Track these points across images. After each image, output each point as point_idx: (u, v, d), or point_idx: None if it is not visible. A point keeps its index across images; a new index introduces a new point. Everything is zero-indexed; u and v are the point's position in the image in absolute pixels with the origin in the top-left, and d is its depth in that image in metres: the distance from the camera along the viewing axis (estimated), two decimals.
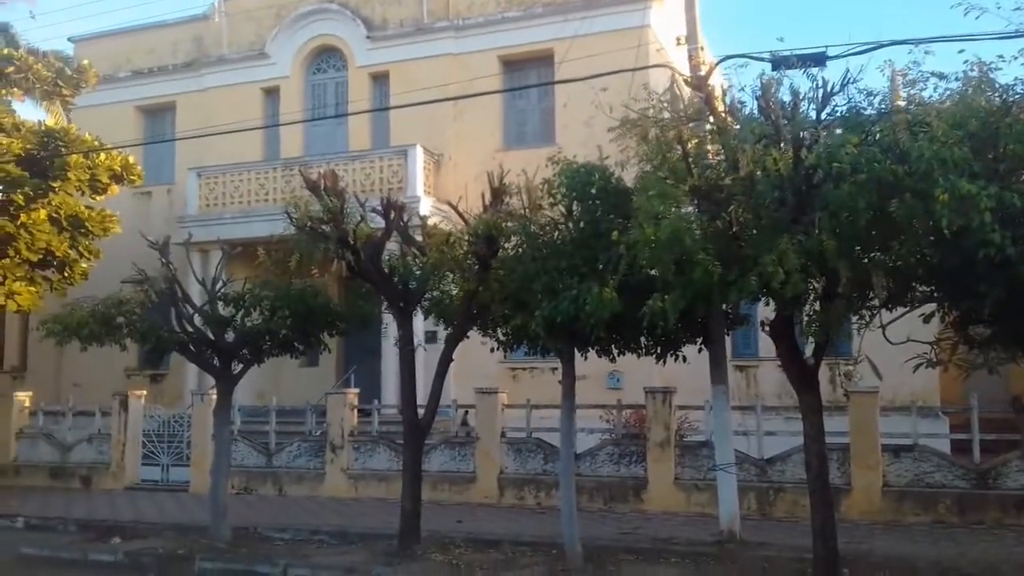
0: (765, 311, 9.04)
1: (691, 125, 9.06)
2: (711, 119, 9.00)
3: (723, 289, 7.28)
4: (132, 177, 17.99)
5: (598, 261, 9.14)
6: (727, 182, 7.29)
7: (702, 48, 11.50)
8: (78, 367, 22.85)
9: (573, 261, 9.03)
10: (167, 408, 18.43)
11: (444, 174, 20.72)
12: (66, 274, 18.06)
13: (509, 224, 9.99)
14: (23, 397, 18.22)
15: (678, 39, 11.55)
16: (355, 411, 16.08)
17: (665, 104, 9.63)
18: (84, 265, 18.25)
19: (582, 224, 9.05)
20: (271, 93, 22.73)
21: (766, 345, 18.62)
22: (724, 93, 8.66)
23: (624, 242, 7.44)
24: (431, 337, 19.53)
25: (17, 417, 17.91)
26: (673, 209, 7.33)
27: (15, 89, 17.03)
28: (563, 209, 9.85)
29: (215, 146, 21.19)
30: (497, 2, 20.92)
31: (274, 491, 15.92)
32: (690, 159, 7.97)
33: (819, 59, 9.83)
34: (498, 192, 10.39)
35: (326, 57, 22.59)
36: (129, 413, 16.83)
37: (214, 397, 16.75)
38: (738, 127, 7.95)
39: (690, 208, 7.80)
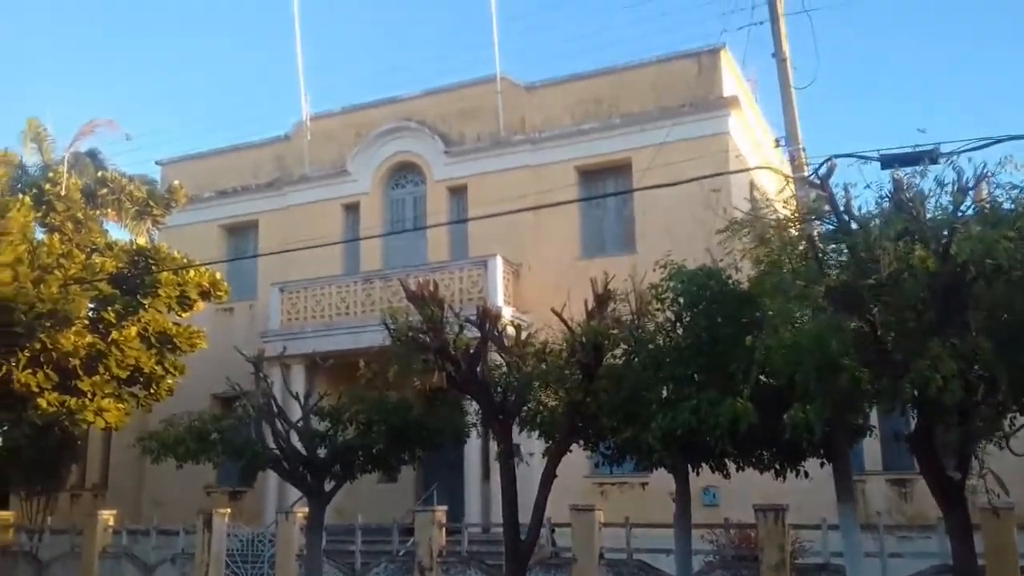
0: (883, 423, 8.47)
1: (813, 225, 8.67)
2: (832, 219, 8.61)
3: (871, 397, 6.74)
4: (219, 293, 18.20)
5: (716, 369, 8.72)
6: (870, 282, 6.86)
7: (803, 148, 11.23)
8: (159, 484, 22.77)
9: (690, 369, 8.58)
10: (246, 526, 18.03)
11: (523, 284, 20.58)
12: (152, 390, 18.12)
13: (616, 331, 9.60)
14: (107, 516, 18.02)
15: (776, 140, 11.33)
16: (443, 530, 15.47)
17: (778, 204, 9.26)
18: (170, 381, 18.33)
19: (698, 330, 8.60)
20: (351, 209, 23.10)
21: (872, 459, 17.80)
22: (845, 193, 8.29)
23: (759, 348, 6.97)
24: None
25: (101, 536, 17.67)
26: (808, 313, 6.87)
27: (109, 210, 17.48)
28: (671, 315, 9.49)
29: (296, 262, 21.48)
30: (573, 115, 21.13)
31: None
32: (821, 259, 7.56)
33: (932, 156, 9.49)
34: (603, 298, 10.05)
35: (404, 172, 22.97)
36: (213, 532, 16.45)
37: (298, 515, 16.47)
38: (872, 225, 7.54)
39: (828, 311, 7.34)
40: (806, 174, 11.14)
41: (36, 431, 15.17)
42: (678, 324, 9.39)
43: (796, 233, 8.56)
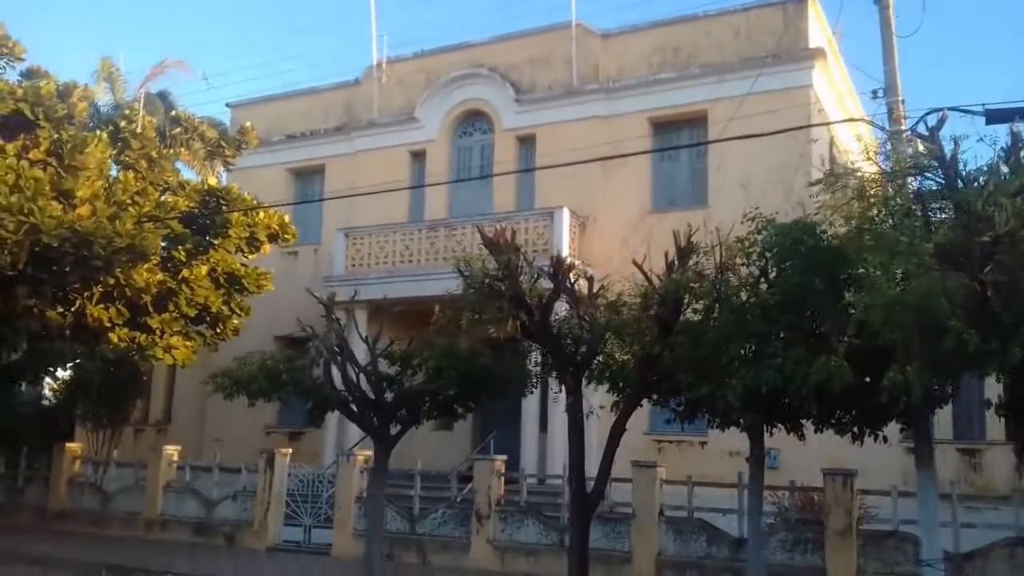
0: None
1: (916, 180, 8.21)
2: (938, 174, 8.13)
3: (978, 360, 6.36)
4: (287, 236, 18.23)
5: (804, 327, 8.37)
6: (984, 239, 6.43)
7: (902, 101, 10.66)
8: (220, 423, 23.17)
9: (777, 327, 8.25)
10: (307, 466, 18.23)
11: (589, 237, 20.26)
12: (218, 330, 18.29)
13: (697, 285, 9.27)
14: (171, 451, 18.35)
15: (874, 92, 10.76)
16: (502, 479, 15.43)
17: (875, 159, 8.78)
18: (236, 321, 18.49)
19: (788, 287, 8.23)
20: (418, 156, 22.92)
21: (942, 427, 17.25)
22: (955, 146, 7.78)
23: (861, 305, 6.61)
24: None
25: (165, 471, 18.02)
26: (913, 270, 6.47)
27: (182, 149, 17.52)
28: (756, 270, 9.13)
29: (362, 208, 21.46)
30: (649, 64, 20.56)
31: (417, 559, 15.33)
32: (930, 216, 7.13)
33: None
34: (685, 251, 9.71)
35: (473, 120, 22.65)
36: (275, 471, 16.65)
37: (359, 458, 16.58)
38: (985, 181, 7.07)
39: (935, 270, 6.93)
40: (904, 128, 10.62)
41: (107, 365, 15.39)
42: (763, 280, 9.02)
43: (896, 188, 8.11)
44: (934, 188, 7.58)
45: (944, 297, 6.26)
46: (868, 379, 7.05)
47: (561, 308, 11.07)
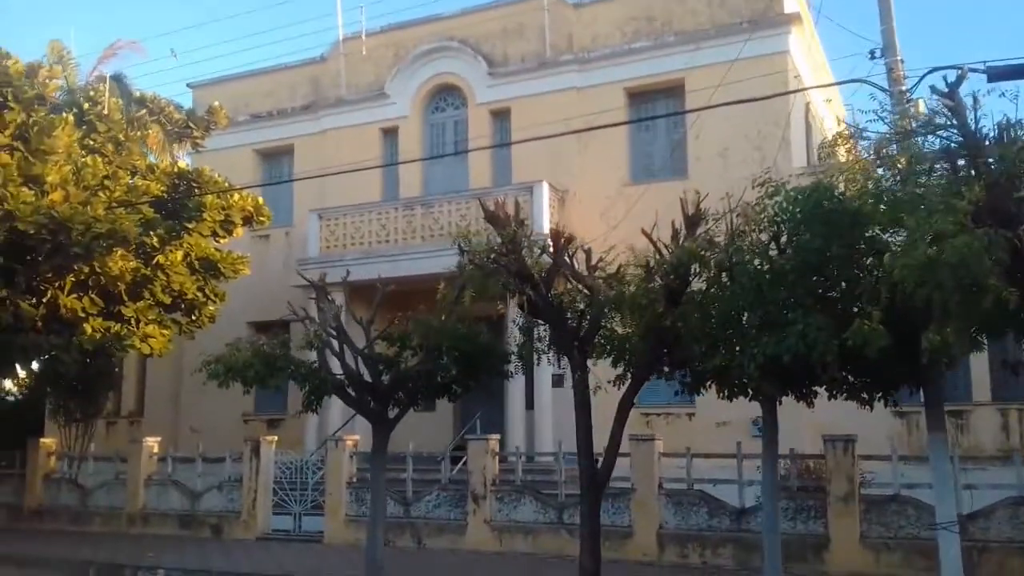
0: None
1: (928, 139, 8.05)
2: (954, 132, 7.99)
3: (1018, 319, 6.24)
4: (262, 218, 17.76)
5: (823, 292, 8.23)
6: (1022, 195, 6.29)
7: (901, 60, 10.52)
8: (195, 412, 22.68)
9: (796, 292, 8.08)
10: (293, 453, 17.87)
11: (568, 211, 20.00)
12: (194, 317, 17.77)
13: (708, 253, 9.06)
14: (152, 443, 17.85)
15: (871, 53, 10.60)
16: (496, 459, 15.22)
17: (889, 117, 8.62)
18: (211, 308, 17.99)
19: (806, 252, 8.05)
20: (389, 133, 22.45)
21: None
22: (975, 103, 7.62)
23: (897, 266, 6.43)
24: (558, 381, 18.74)
25: (146, 463, 17.53)
26: (952, 228, 6.32)
27: (149, 131, 16.89)
28: (766, 236, 8.95)
29: (333, 188, 20.97)
30: (623, 33, 20.28)
31: (413, 543, 15.10)
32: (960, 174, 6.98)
33: None
34: (694, 219, 9.51)
35: (445, 95, 22.23)
36: (261, 459, 16.27)
37: (348, 442, 16.26)
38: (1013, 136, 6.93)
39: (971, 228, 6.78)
40: (904, 87, 10.49)
41: (84, 357, 14.84)
42: (774, 245, 8.84)
43: (915, 147, 7.96)
44: (954, 146, 7.41)
45: (985, 255, 6.12)
46: (899, 342, 6.88)
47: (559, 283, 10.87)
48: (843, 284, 8.18)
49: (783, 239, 8.84)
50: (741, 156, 18.50)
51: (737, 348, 8.67)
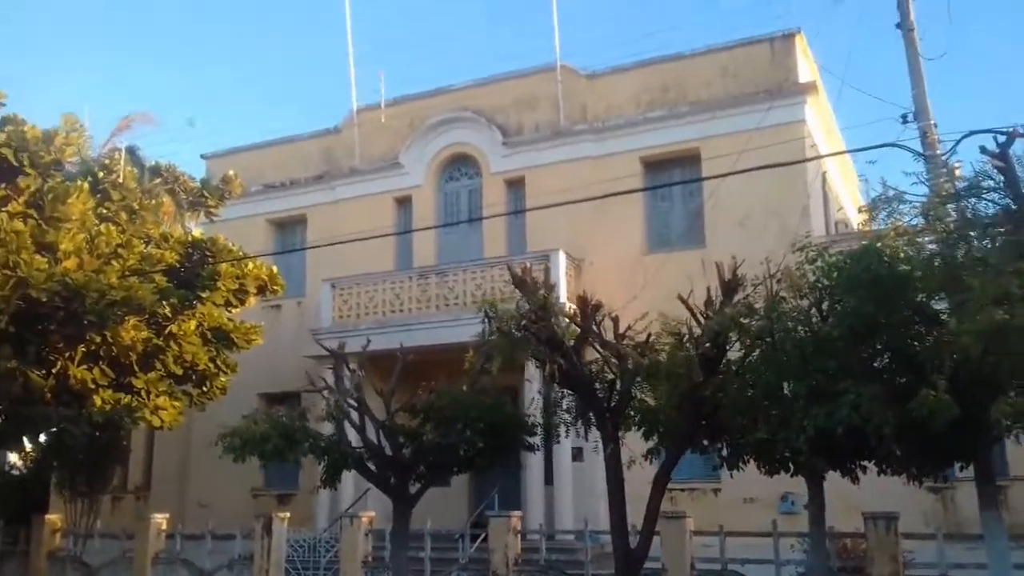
0: None
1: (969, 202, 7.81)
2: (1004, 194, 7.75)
3: None
4: (275, 287, 17.48)
5: (871, 360, 7.90)
6: None
7: (934, 124, 10.36)
8: (204, 487, 22.13)
9: (845, 360, 7.74)
10: (305, 530, 17.28)
11: (585, 280, 19.70)
12: (205, 388, 17.39)
13: (750, 321, 8.76)
14: (160, 520, 17.24)
15: (903, 117, 10.47)
16: (519, 536, 14.64)
17: (929, 181, 8.41)
18: (223, 379, 17.60)
19: (857, 317, 7.74)
20: (403, 203, 22.39)
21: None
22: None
23: (963, 331, 6.11)
24: (578, 454, 18.23)
25: (154, 541, 16.89)
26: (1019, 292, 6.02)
27: (164, 200, 16.76)
28: (809, 302, 8.66)
29: (346, 258, 20.79)
30: (638, 103, 20.31)
31: None
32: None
33: None
34: (731, 285, 9.22)
35: (459, 165, 22.21)
36: (273, 537, 15.65)
37: (363, 519, 15.68)
38: None
39: None
40: (939, 152, 10.30)
41: (94, 430, 14.43)
42: (816, 311, 8.54)
43: (961, 210, 7.71)
44: (1013, 207, 7.16)
45: None
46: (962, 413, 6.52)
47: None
48: (890, 353, 7.85)
49: (824, 305, 8.56)
50: (760, 225, 18.33)
51: (776, 420, 8.32)
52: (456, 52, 56.69)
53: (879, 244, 7.77)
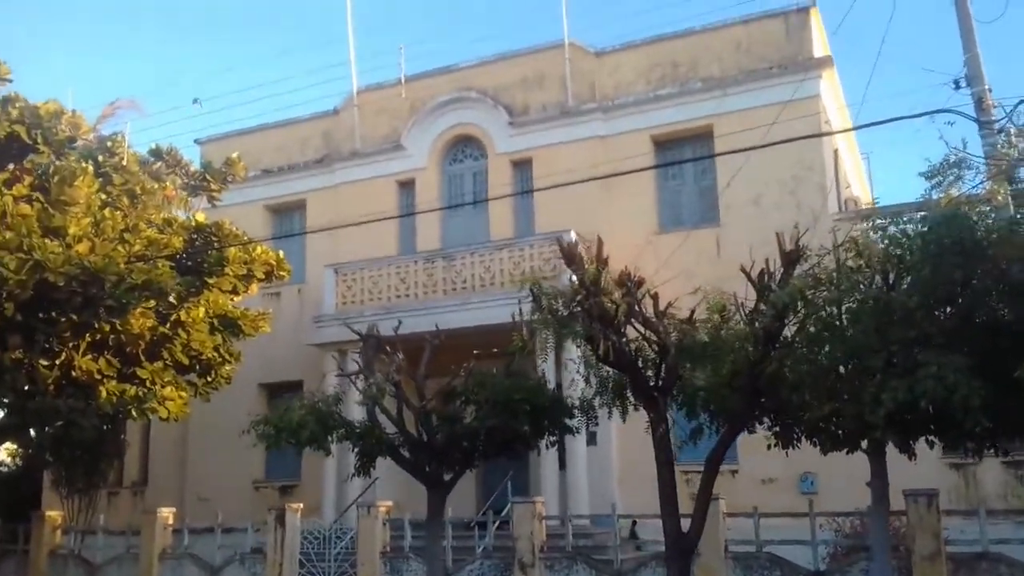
0: None
1: None
2: None
3: None
4: (282, 272, 16.91)
5: (954, 331, 7.53)
6: None
7: (989, 89, 10.00)
8: (203, 480, 21.54)
9: (928, 330, 7.36)
10: (319, 521, 16.81)
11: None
12: (210, 378, 16.81)
13: (814, 292, 8.35)
14: (166, 514, 16.72)
15: (956, 82, 10.08)
16: (543, 523, 14.26)
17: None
18: (228, 368, 17.02)
19: (940, 286, 7.36)
20: (405, 186, 21.82)
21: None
22: None
23: None
24: (592, 439, 17.83)
25: (160, 536, 16.38)
26: None
27: (166, 184, 16.12)
28: (880, 271, 8.25)
29: (347, 244, 20.28)
30: (647, 80, 19.86)
31: None
32: None
33: None
34: (792, 256, 8.81)
35: (463, 146, 21.68)
36: (286, 529, 15.19)
37: (381, 509, 15.25)
38: None
39: None
40: (994, 118, 9.95)
41: (101, 422, 13.84)
42: (887, 280, 8.14)
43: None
44: None
45: None
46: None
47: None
48: (975, 322, 7.48)
49: (891, 275, 8.17)
50: (775, 202, 18.00)
51: (845, 395, 7.94)
52: (460, 30, 55.70)
53: (964, 208, 7.38)
